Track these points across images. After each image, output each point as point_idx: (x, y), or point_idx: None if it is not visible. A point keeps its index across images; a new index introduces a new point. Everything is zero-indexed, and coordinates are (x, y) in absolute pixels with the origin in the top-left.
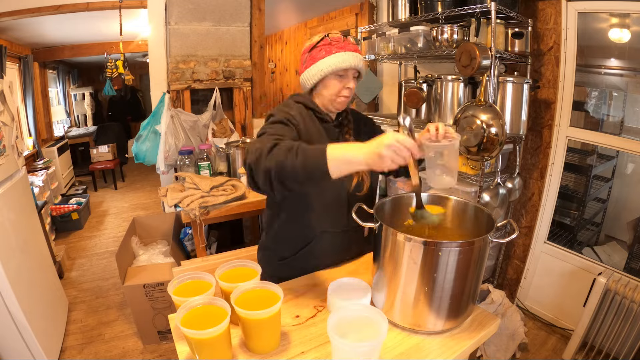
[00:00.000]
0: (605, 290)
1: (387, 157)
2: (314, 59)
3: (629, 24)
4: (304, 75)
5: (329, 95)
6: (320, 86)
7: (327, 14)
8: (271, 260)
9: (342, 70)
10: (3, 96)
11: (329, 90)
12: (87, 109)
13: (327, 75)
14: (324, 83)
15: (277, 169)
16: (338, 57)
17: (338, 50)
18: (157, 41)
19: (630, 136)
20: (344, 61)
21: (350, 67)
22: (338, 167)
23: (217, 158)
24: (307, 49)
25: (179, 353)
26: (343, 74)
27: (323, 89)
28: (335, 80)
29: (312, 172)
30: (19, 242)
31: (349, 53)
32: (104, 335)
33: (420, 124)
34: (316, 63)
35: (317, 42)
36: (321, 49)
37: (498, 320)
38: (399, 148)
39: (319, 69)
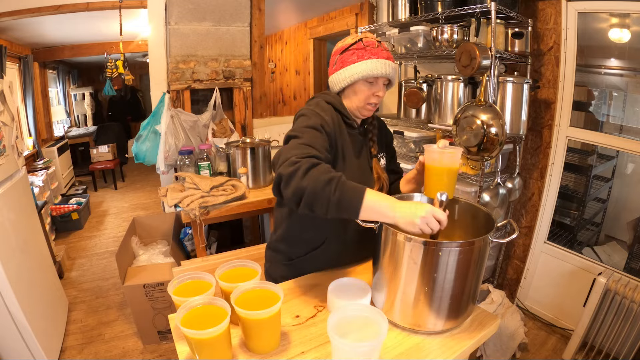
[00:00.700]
0: (605, 290)
1: (417, 226)
2: (344, 62)
3: (629, 24)
4: (334, 78)
5: (357, 101)
6: (349, 90)
7: (327, 14)
8: (278, 260)
9: (372, 77)
10: (3, 96)
11: (358, 96)
12: (87, 109)
13: (357, 81)
14: (353, 88)
15: (310, 194)
16: (370, 64)
17: (370, 56)
18: (157, 41)
19: (630, 136)
20: (376, 69)
21: (381, 75)
22: (368, 214)
23: (217, 158)
24: (339, 50)
25: (179, 353)
26: (373, 81)
27: (352, 94)
28: (365, 87)
29: (343, 210)
30: (19, 242)
31: (381, 61)
32: (104, 335)
33: (420, 124)
34: (347, 67)
35: (350, 44)
36: (353, 53)
37: (498, 320)
38: (432, 222)
39: (350, 73)
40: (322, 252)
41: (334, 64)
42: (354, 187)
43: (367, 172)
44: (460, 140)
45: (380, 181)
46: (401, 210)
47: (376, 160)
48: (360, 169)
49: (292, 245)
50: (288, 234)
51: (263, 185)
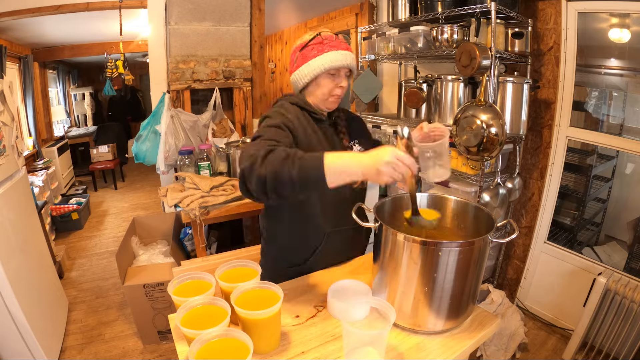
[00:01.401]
0: (605, 290)
1: (384, 173)
2: (305, 57)
3: (629, 24)
4: (296, 75)
5: (321, 95)
6: (312, 85)
7: (327, 14)
8: (280, 267)
9: (334, 69)
10: (3, 96)
11: (322, 89)
12: (87, 109)
13: (320, 75)
14: (317, 82)
15: (272, 178)
16: (330, 56)
17: (330, 49)
18: (157, 41)
19: (630, 136)
20: (337, 60)
21: (343, 66)
22: (335, 177)
23: (217, 158)
24: (298, 47)
25: (179, 353)
26: (335, 72)
27: (316, 88)
28: (328, 80)
29: (308, 182)
30: (19, 242)
31: (341, 52)
32: (104, 335)
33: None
34: (308, 62)
35: (308, 40)
36: (313, 48)
37: (498, 320)
38: (398, 165)
39: (312, 68)
40: (323, 251)
41: (294, 62)
42: (311, 155)
43: None
44: (460, 140)
45: None
46: (365, 161)
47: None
48: None
49: (292, 250)
50: (286, 241)
51: None
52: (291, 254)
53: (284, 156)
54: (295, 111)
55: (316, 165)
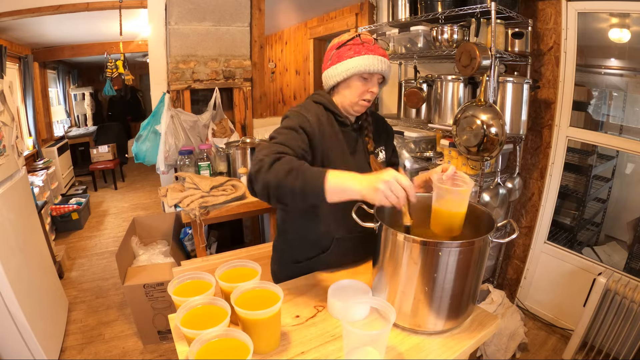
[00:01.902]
0: (605, 290)
1: (381, 192)
2: (341, 56)
3: (629, 24)
4: (329, 72)
5: (350, 97)
6: (342, 86)
7: (327, 14)
8: (286, 262)
9: (368, 73)
10: (3, 96)
11: (352, 92)
12: (87, 109)
13: (352, 76)
14: (348, 83)
15: (275, 186)
16: (367, 59)
17: (368, 52)
18: (157, 41)
19: (630, 136)
20: (372, 64)
21: (377, 71)
22: (334, 194)
23: (217, 158)
24: (336, 45)
25: (179, 353)
26: (368, 77)
27: (346, 88)
28: (359, 82)
29: (308, 196)
30: (19, 242)
31: (378, 57)
32: (104, 335)
33: (420, 124)
34: (343, 61)
35: (347, 40)
36: (350, 48)
37: (498, 320)
38: (396, 187)
39: (346, 67)
40: (330, 255)
41: (329, 60)
42: (315, 171)
43: (365, 168)
44: (460, 140)
45: None
46: (365, 180)
47: (373, 156)
48: (357, 165)
49: (299, 247)
50: (294, 236)
51: None
52: (296, 249)
53: (289, 168)
54: (318, 111)
55: (317, 181)
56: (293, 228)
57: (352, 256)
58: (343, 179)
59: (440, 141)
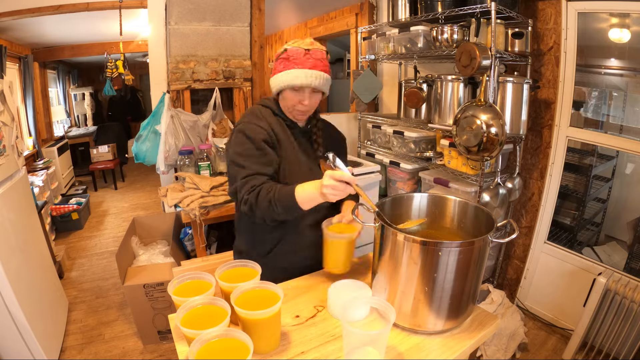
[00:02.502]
0: (605, 290)
1: (328, 194)
2: (275, 70)
3: (629, 24)
4: (270, 83)
5: (287, 107)
6: (280, 96)
7: (327, 14)
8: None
9: (296, 86)
10: (3, 96)
11: (287, 102)
12: (87, 109)
13: (283, 89)
14: (282, 95)
15: (269, 217)
16: (291, 74)
17: (294, 66)
18: (157, 41)
19: (630, 136)
20: (296, 79)
21: (304, 85)
22: (306, 205)
23: (217, 158)
24: (275, 56)
25: (179, 353)
26: (298, 89)
27: (282, 99)
28: (292, 94)
29: (291, 212)
30: (19, 242)
31: (304, 71)
32: (104, 335)
33: (420, 124)
34: (275, 75)
35: (280, 54)
36: (281, 62)
37: (498, 320)
38: (335, 185)
39: (277, 82)
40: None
41: (272, 70)
42: (286, 193)
43: (316, 171)
44: (460, 140)
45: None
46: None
47: (322, 160)
48: (309, 168)
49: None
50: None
51: None
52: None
53: (268, 201)
54: (267, 116)
55: (292, 202)
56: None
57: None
58: (306, 192)
59: (440, 141)
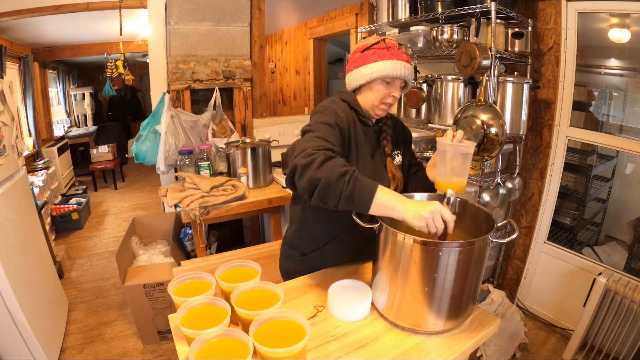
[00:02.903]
0: (605, 290)
1: (424, 221)
2: (365, 60)
3: (629, 24)
4: (353, 74)
5: (372, 100)
6: (365, 88)
7: (327, 14)
8: (293, 256)
9: (391, 77)
10: (3, 96)
11: (374, 95)
12: (87, 109)
13: (376, 79)
14: (370, 86)
15: (324, 185)
16: (391, 64)
17: (392, 57)
18: (157, 41)
19: (630, 136)
20: (395, 69)
21: (400, 76)
22: (379, 209)
23: (217, 158)
24: (360, 48)
25: (179, 353)
26: (390, 81)
27: (368, 91)
28: (382, 86)
29: (354, 203)
30: (19, 242)
31: (401, 62)
32: (104, 335)
33: (420, 124)
34: (368, 65)
35: (372, 44)
36: (375, 52)
37: (498, 320)
38: (438, 220)
39: (370, 71)
40: (332, 248)
41: (353, 62)
42: (367, 182)
43: (381, 170)
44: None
45: (395, 180)
46: (411, 205)
47: (390, 159)
48: (374, 167)
49: (304, 240)
50: (300, 229)
51: (263, 185)
52: (302, 242)
53: (343, 172)
54: (346, 109)
55: (368, 194)
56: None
57: (354, 254)
58: (391, 199)
59: None
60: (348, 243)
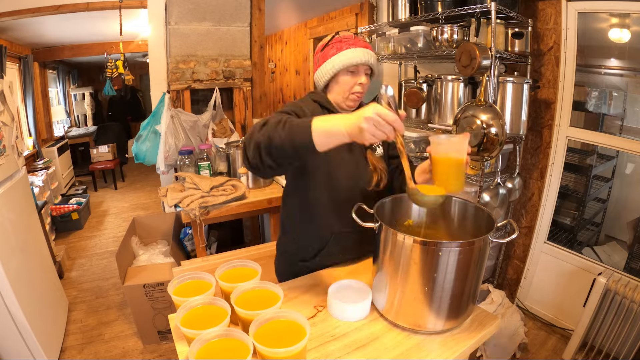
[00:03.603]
0: (605, 290)
1: (366, 131)
2: (325, 56)
3: (629, 24)
4: (317, 73)
5: (341, 92)
6: (332, 83)
7: (327, 14)
8: (293, 262)
9: (353, 66)
10: (3, 96)
11: (341, 87)
12: (87, 109)
13: (339, 72)
14: (336, 80)
15: (265, 142)
16: (349, 53)
17: (349, 46)
18: (157, 41)
19: (630, 136)
20: (355, 57)
21: (361, 63)
22: (322, 140)
23: (217, 158)
24: (319, 48)
25: (179, 353)
26: (354, 70)
27: (335, 85)
28: (347, 77)
29: (298, 144)
30: (19, 242)
31: (359, 49)
32: (104, 335)
33: (420, 124)
34: (328, 60)
35: (328, 41)
36: (332, 47)
37: (498, 320)
38: (379, 122)
39: (332, 65)
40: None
41: (316, 62)
42: (302, 120)
43: (362, 164)
44: None
45: (378, 172)
46: (349, 120)
47: (370, 151)
48: (354, 162)
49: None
50: (295, 236)
51: (263, 185)
52: (300, 249)
53: (277, 120)
54: (316, 109)
55: (304, 128)
56: (294, 225)
57: (352, 252)
58: (328, 123)
59: None
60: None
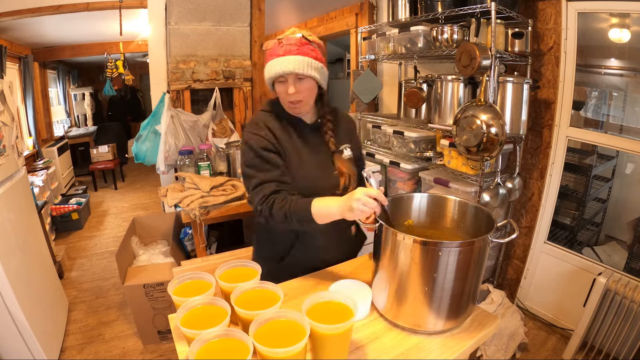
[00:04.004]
0: (605, 290)
1: (356, 210)
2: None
3: (629, 24)
4: None
5: (281, 100)
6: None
7: (327, 14)
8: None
9: (277, 77)
10: (3, 96)
11: (280, 95)
12: (87, 109)
13: (273, 82)
14: (275, 90)
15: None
16: (272, 64)
17: (270, 58)
18: (157, 41)
19: (630, 136)
20: (275, 67)
21: (283, 73)
22: (322, 219)
23: (217, 158)
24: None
25: (179, 353)
26: (283, 80)
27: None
28: (279, 87)
29: (306, 225)
30: (19, 242)
31: (278, 59)
32: (104, 335)
33: (420, 124)
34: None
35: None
36: (268, 55)
37: (498, 320)
38: (367, 201)
39: (266, 76)
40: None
41: None
42: (302, 206)
43: (328, 168)
44: (460, 140)
45: (344, 176)
46: (341, 203)
47: (337, 155)
48: (320, 165)
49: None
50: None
51: None
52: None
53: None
54: (267, 121)
55: (307, 216)
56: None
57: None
58: (324, 207)
59: (440, 141)
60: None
